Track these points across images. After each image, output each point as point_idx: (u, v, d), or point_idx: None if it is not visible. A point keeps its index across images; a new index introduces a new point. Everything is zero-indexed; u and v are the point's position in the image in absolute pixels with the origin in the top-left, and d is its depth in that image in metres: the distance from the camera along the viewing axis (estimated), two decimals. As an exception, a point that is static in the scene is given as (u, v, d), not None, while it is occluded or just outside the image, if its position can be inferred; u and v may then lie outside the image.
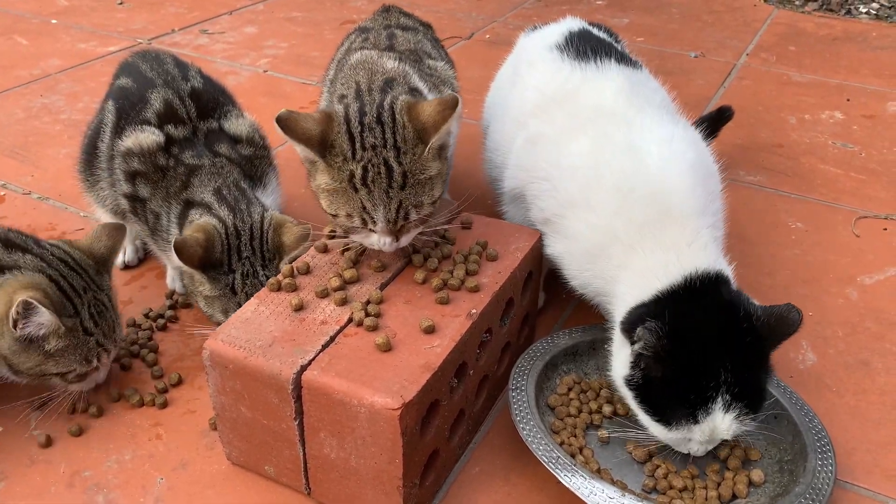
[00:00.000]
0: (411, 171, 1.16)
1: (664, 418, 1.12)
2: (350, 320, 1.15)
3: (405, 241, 1.21)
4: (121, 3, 3.21)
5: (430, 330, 1.12)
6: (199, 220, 1.36)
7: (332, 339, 1.12)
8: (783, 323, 1.10)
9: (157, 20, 3.04)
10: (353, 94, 1.27)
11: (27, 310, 1.15)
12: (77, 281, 1.25)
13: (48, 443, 1.25)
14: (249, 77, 2.56)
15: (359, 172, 1.15)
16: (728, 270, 1.20)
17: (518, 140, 1.44)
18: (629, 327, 1.12)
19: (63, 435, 1.27)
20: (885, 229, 1.82)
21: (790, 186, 1.99)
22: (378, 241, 1.19)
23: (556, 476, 1.09)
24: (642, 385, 1.13)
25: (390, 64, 1.36)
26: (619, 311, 1.19)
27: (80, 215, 1.82)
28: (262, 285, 1.27)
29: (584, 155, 1.30)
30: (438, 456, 1.16)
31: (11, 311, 1.15)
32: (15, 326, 1.16)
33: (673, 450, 1.21)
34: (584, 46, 1.45)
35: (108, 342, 1.28)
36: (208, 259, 1.31)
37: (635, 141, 1.28)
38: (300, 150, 1.19)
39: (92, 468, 1.22)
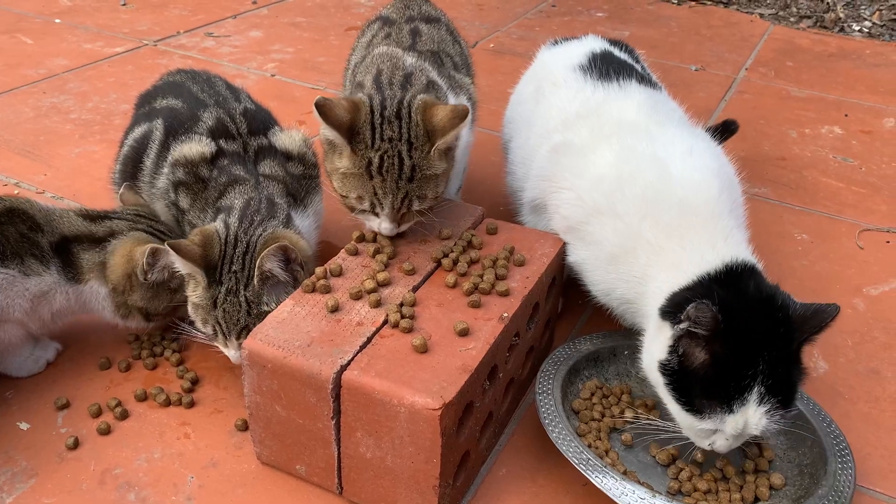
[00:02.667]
0: (419, 165, 1.26)
1: (697, 407, 1.11)
2: (385, 322, 1.17)
3: (404, 227, 1.32)
4: (124, 5, 3.20)
5: (464, 332, 1.15)
6: (204, 226, 1.33)
7: (369, 340, 1.13)
8: (818, 315, 1.10)
9: (162, 22, 3.05)
10: (372, 83, 1.34)
11: (154, 256, 1.30)
12: (160, 227, 1.43)
13: (76, 444, 1.26)
14: (257, 81, 2.57)
15: (376, 161, 1.25)
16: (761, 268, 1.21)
17: (542, 150, 1.47)
18: (673, 309, 1.13)
19: (91, 433, 1.28)
20: (888, 242, 1.87)
21: (795, 199, 2.04)
22: (379, 224, 1.30)
23: (588, 477, 1.11)
24: (678, 371, 1.12)
25: (409, 60, 1.40)
26: (653, 303, 1.20)
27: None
28: (242, 306, 1.25)
29: (608, 165, 1.33)
30: (469, 457, 1.18)
31: (142, 262, 1.30)
32: (145, 275, 1.31)
33: (694, 453, 1.25)
34: (606, 68, 1.49)
35: None
36: (208, 260, 1.27)
37: (659, 153, 1.32)
38: (328, 134, 1.27)
39: (122, 466, 1.23)
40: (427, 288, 1.25)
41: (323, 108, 1.24)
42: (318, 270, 1.25)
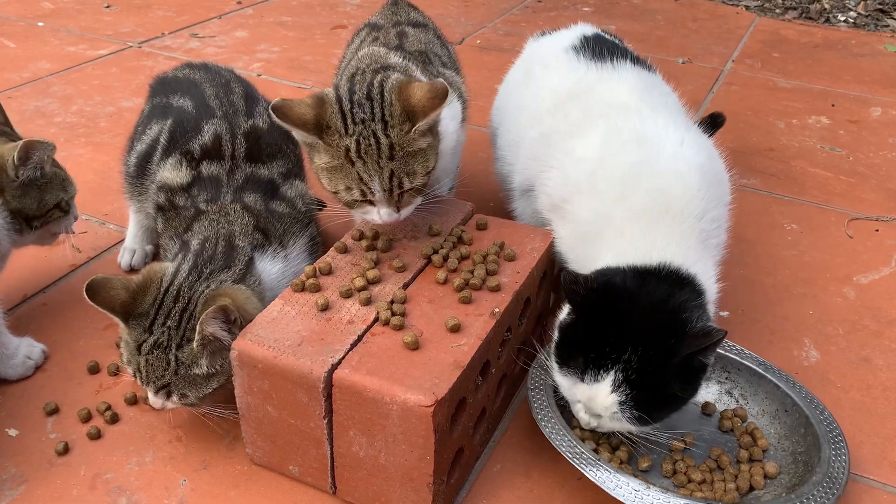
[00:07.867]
0: (399, 143, 1.22)
1: (563, 359, 1.16)
2: (376, 319, 1.16)
3: (405, 213, 1.27)
4: (107, 7, 3.18)
5: (455, 329, 1.14)
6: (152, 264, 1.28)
7: (360, 338, 1.13)
8: (704, 336, 1.08)
9: (146, 23, 3.02)
10: (347, 78, 1.32)
11: (27, 151, 1.30)
12: (7, 129, 1.44)
13: (66, 450, 1.24)
14: (243, 81, 2.55)
15: (353, 146, 1.21)
16: (705, 279, 1.20)
17: (531, 133, 1.47)
18: None
19: (81, 438, 1.27)
20: (877, 230, 1.88)
21: (783, 189, 2.04)
22: (379, 213, 1.25)
23: (582, 471, 1.11)
24: (565, 328, 1.17)
25: (394, 59, 1.38)
26: None
27: (82, 218, 1.80)
28: (170, 364, 1.16)
29: (594, 146, 1.33)
30: (463, 454, 1.17)
31: (13, 157, 1.30)
32: (17, 171, 1.31)
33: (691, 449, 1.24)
34: (599, 48, 1.49)
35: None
36: (133, 307, 1.19)
37: (648, 136, 1.31)
38: (298, 135, 1.25)
39: (113, 470, 1.22)
40: (417, 285, 1.25)
41: (281, 110, 1.20)
42: (308, 269, 1.24)
